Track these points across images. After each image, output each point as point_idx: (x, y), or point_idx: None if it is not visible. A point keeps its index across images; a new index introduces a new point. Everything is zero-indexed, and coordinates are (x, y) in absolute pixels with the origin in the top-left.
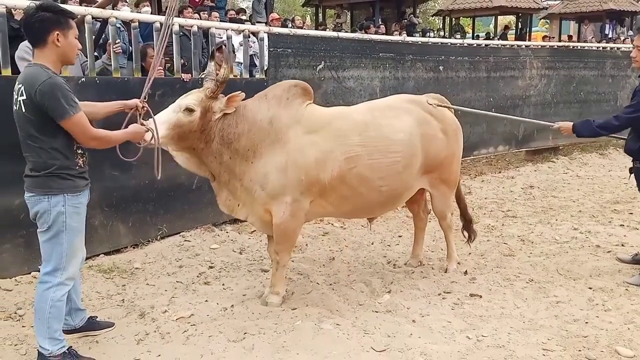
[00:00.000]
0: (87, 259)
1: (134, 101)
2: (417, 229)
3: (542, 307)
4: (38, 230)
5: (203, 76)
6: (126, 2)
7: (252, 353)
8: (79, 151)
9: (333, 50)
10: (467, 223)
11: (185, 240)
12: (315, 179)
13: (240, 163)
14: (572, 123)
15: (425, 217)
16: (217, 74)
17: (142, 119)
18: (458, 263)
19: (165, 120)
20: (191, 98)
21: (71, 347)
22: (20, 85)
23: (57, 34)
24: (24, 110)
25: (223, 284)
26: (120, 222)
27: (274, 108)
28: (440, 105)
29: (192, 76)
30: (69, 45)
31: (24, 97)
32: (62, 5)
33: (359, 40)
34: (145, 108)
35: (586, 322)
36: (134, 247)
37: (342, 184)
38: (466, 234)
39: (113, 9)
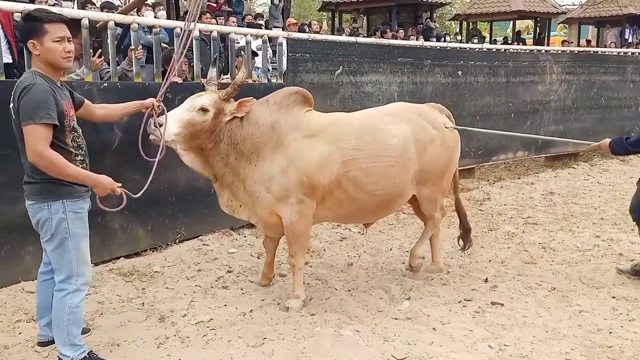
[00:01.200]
0: (106, 262)
1: (150, 100)
2: (432, 238)
3: (565, 317)
4: (42, 240)
5: (204, 82)
6: (150, 6)
7: (272, 359)
8: (78, 158)
9: (351, 55)
10: (466, 232)
11: (204, 244)
12: (316, 182)
13: (245, 165)
14: (609, 140)
15: (436, 221)
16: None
17: (157, 117)
18: (422, 258)
19: (178, 118)
20: (206, 98)
21: (92, 351)
22: (13, 93)
23: (32, 42)
24: (14, 117)
25: (241, 289)
26: (139, 225)
27: (275, 113)
28: (455, 128)
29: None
30: (47, 50)
31: (13, 105)
32: (44, 10)
33: (377, 45)
34: (161, 107)
35: (610, 332)
36: (153, 251)
37: (339, 188)
38: (462, 242)
39: (137, 13)
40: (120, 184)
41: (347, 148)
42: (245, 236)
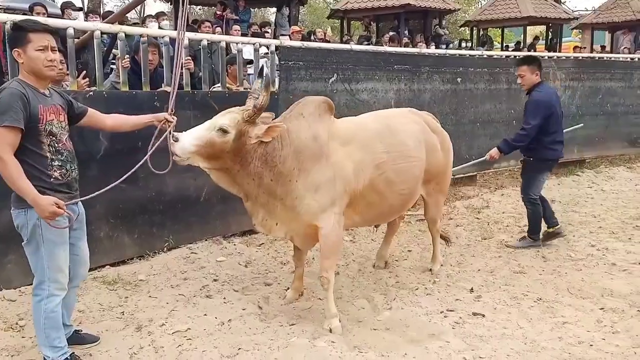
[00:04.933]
0: (92, 270)
1: (162, 114)
2: (388, 233)
3: (546, 328)
4: (22, 243)
5: (250, 91)
6: (153, 17)
7: None
8: (55, 163)
9: (346, 63)
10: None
11: (192, 253)
12: (353, 189)
13: (283, 184)
14: (495, 147)
15: (399, 222)
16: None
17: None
18: (441, 265)
19: (197, 136)
20: (227, 118)
21: (74, 353)
22: None
23: (17, 51)
24: None
25: (224, 298)
26: (125, 233)
27: (314, 125)
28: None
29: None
30: (29, 59)
31: None
32: (30, 20)
33: (373, 53)
34: (174, 121)
35: (591, 345)
36: (140, 259)
37: (372, 191)
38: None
39: (143, 24)
40: (64, 207)
41: (377, 151)
42: (235, 244)
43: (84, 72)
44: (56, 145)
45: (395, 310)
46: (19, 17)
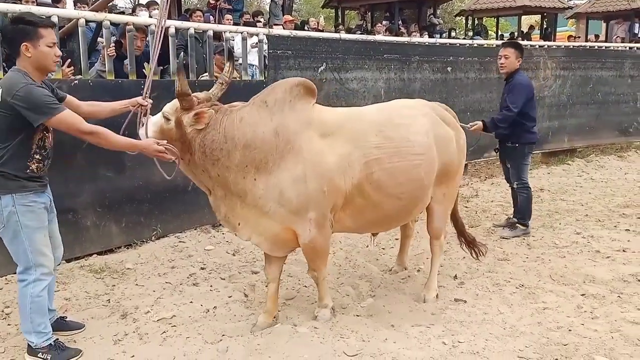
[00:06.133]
0: (78, 258)
1: (136, 99)
2: (404, 238)
3: (527, 314)
4: None
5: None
6: (144, 6)
7: (225, 355)
8: (37, 157)
9: (335, 52)
10: (470, 243)
11: (180, 242)
12: (336, 188)
13: (236, 180)
14: (481, 121)
15: (413, 226)
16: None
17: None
18: (437, 294)
19: (154, 122)
20: (169, 105)
21: (57, 339)
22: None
23: (26, 45)
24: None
25: (211, 286)
26: (113, 222)
27: (277, 115)
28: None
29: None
30: (40, 54)
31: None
32: (35, 15)
33: (362, 42)
34: (146, 106)
35: (569, 330)
36: (127, 248)
37: (361, 193)
38: (473, 254)
39: (132, 13)
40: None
41: (369, 147)
42: (223, 233)
43: (69, 60)
44: (45, 141)
45: (378, 297)
46: (17, 8)
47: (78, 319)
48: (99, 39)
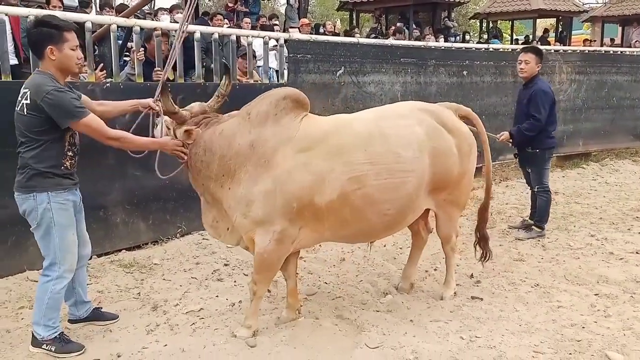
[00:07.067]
0: (108, 253)
1: (147, 101)
2: (414, 248)
3: (542, 312)
4: (31, 228)
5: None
6: (166, 10)
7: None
8: (69, 153)
9: (353, 56)
10: (483, 241)
11: (204, 239)
12: (308, 204)
13: (215, 189)
14: (507, 132)
15: (426, 237)
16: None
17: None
18: (454, 292)
19: (165, 126)
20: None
21: (62, 332)
22: (26, 90)
23: (51, 48)
24: (25, 112)
25: (235, 281)
26: (141, 219)
27: (257, 129)
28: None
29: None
30: (65, 57)
31: (28, 101)
32: (58, 18)
33: (379, 46)
34: (157, 108)
35: (583, 327)
36: (154, 244)
37: (343, 208)
38: (480, 251)
39: (154, 18)
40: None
41: (354, 162)
42: None
43: (101, 64)
44: (74, 137)
45: (398, 294)
46: (42, 12)
47: (112, 311)
48: (128, 44)
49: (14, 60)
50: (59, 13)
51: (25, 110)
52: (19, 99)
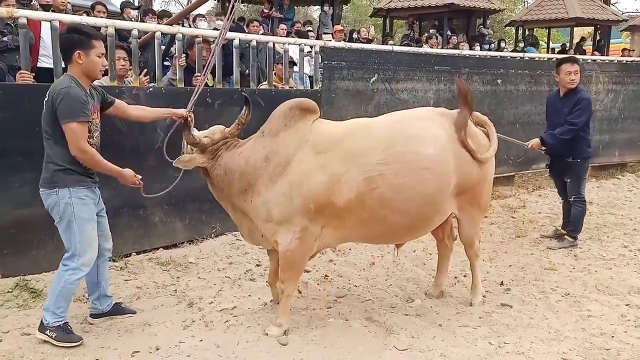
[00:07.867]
0: (147, 251)
1: (182, 111)
2: (441, 257)
3: (571, 320)
4: (55, 222)
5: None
6: (204, 17)
7: None
8: None
9: (387, 63)
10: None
11: (237, 239)
12: (326, 204)
13: (240, 204)
14: (538, 138)
15: (451, 245)
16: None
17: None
18: (483, 296)
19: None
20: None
21: (67, 322)
22: (49, 89)
23: (79, 53)
24: (45, 110)
25: (267, 281)
26: (178, 219)
27: (270, 143)
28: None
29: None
30: (91, 62)
31: (47, 99)
32: (89, 27)
33: (413, 54)
34: (191, 118)
35: (612, 336)
36: (189, 243)
37: (362, 207)
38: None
39: (193, 24)
40: (140, 177)
41: (370, 163)
42: None
43: (145, 69)
44: (90, 140)
45: (426, 299)
46: (93, 20)
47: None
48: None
49: (48, 64)
50: (108, 21)
51: (45, 107)
52: (46, 97)
